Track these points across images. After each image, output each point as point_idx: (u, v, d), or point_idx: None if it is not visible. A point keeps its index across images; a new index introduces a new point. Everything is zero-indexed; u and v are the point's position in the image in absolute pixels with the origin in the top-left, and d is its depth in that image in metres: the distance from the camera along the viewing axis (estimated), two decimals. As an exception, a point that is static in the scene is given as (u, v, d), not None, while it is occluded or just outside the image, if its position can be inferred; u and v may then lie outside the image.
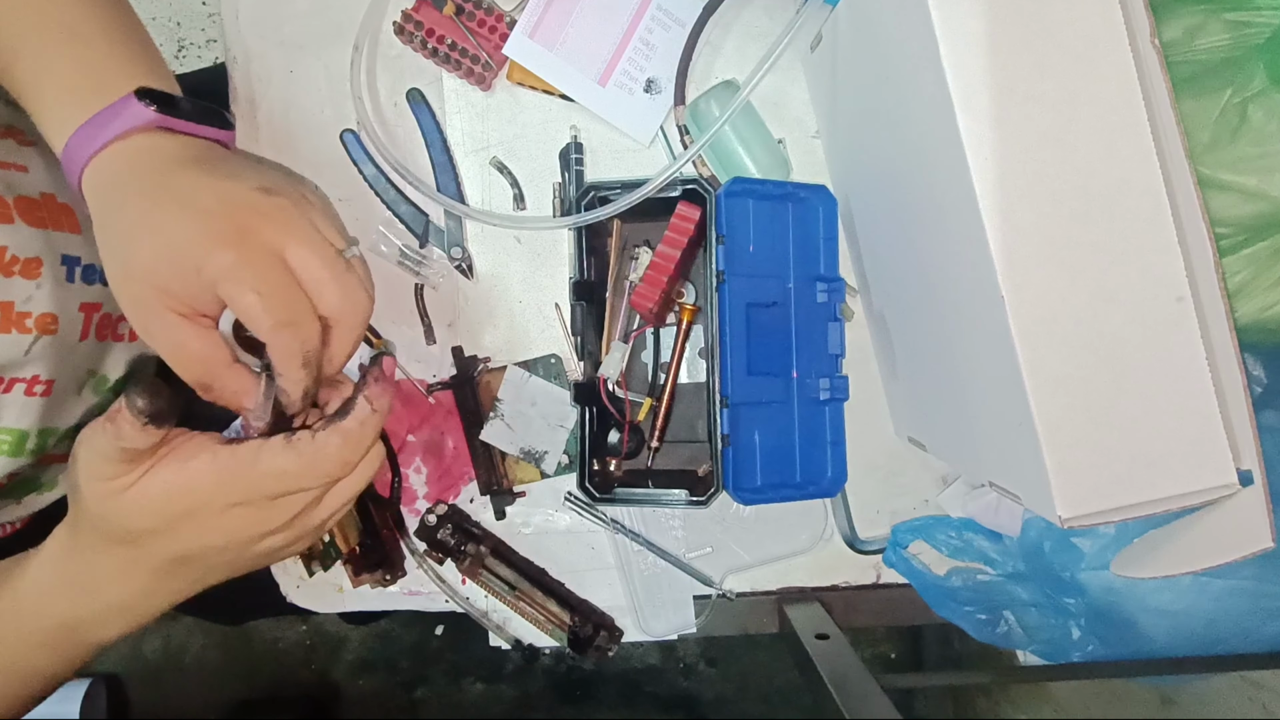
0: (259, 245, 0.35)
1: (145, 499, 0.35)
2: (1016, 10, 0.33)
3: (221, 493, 0.35)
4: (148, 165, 0.38)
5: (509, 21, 0.55)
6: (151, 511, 0.35)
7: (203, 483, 0.35)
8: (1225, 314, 0.36)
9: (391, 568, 0.58)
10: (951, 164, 0.34)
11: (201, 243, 0.34)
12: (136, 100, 0.38)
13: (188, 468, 0.35)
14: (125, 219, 0.36)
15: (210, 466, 0.35)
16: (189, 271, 0.34)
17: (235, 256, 0.34)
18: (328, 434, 0.36)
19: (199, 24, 1.46)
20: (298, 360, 0.36)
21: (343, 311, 0.37)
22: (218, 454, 0.35)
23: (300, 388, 0.36)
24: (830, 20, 0.48)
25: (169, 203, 0.35)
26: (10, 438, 0.47)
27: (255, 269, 0.34)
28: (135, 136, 0.38)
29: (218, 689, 1.48)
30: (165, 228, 0.35)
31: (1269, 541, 0.35)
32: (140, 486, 0.35)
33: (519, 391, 0.57)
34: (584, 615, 0.58)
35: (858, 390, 0.54)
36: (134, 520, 0.35)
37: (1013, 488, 0.38)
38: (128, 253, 0.35)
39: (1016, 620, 0.55)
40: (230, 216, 0.35)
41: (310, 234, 0.36)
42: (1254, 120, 0.40)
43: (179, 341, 0.36)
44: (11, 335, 0.45)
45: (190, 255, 0.34)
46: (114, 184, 0.38)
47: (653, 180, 0.50)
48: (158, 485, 0.35)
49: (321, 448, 0.36)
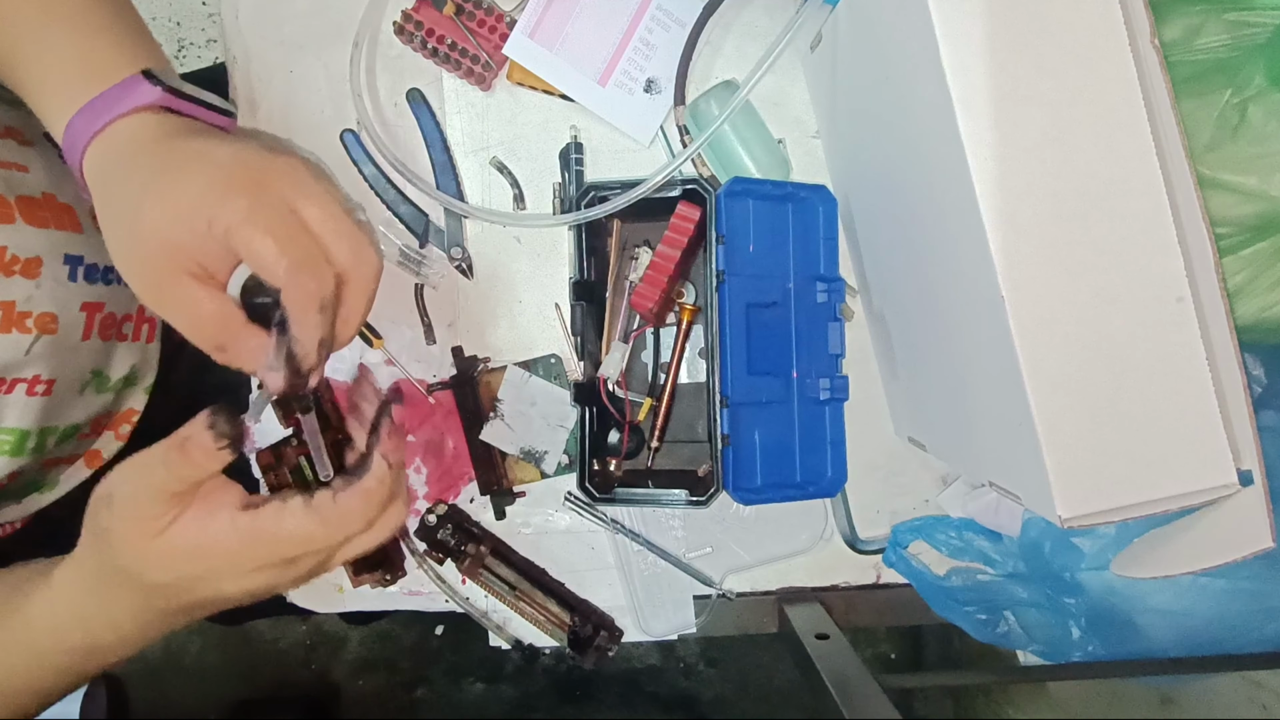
0: (271, 195, 0.35)
1: (167, 556, 0.35)
2: (1016, 11, 0.33)
3: (242, 559, 0.36)
4: (154, 136, 0.38)
5: (509, 21, 0.55)
6: (172, 570, 0.36)
7: (223, 548, 0.35)
8: (1225, 314, 0.36)
9: (391, 568, 0.58)
10: (951, 164, 0.34)
11: (214, 193, 0.34)
12: (144, 80, 0.38)
13: (209, 530, 0.35)
14: (134, 184, 0.36)
15: (231, 531, 0.35)
16: (201, 224, 0.34)
17: (249, 203, 0.34)
18: (349, 495, 0.36)
19: (199, 24, 1.46)
20: (314, 304, 0.35)
21: (355, 264, 0.37)
22: (237, 520, 0.35)
23: (316, 336, 0.36)
24: (830, 20, 0.48)
25: (180, 161, 0.36)
26: (11, 438, 0.47)
27: (269, 214, 0.34)
28: (140, 114, 0.38)
29: (218, 689, 1.48)
30: (177, 183, 0.35)
31: (1269, 541, 0.35)
32: (166, 539, 0.35)
33: (519, 391, 0.57)
34: (584, 615, 0.58)
35: (858, 390, 0.54)
36: (153, 574, 0.36)
37: (1013, 488, 0.38)
38: (138, 214, 0.35)
39: (1016, 620, 0.55)
40: (242, 170, 0.35)
41: (320, 191, 0.37)
42: (1254, 120, 0.40)
43: (192, 302, 0.35)
44: (12, 335, 0.45)
45: (203, 207, 0.34)
46: (119, 157, 0.38)
47: (652, 178, 0.50)
48: (180, 543, 0.35)
49: (344, 510, 0.36)
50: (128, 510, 0.35)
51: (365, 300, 0.38)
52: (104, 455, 0.57)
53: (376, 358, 0.59)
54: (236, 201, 0.34)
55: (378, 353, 0.59)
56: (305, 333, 0.35)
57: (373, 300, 0.39)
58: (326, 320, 0.36)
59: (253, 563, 0.36)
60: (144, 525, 0.35)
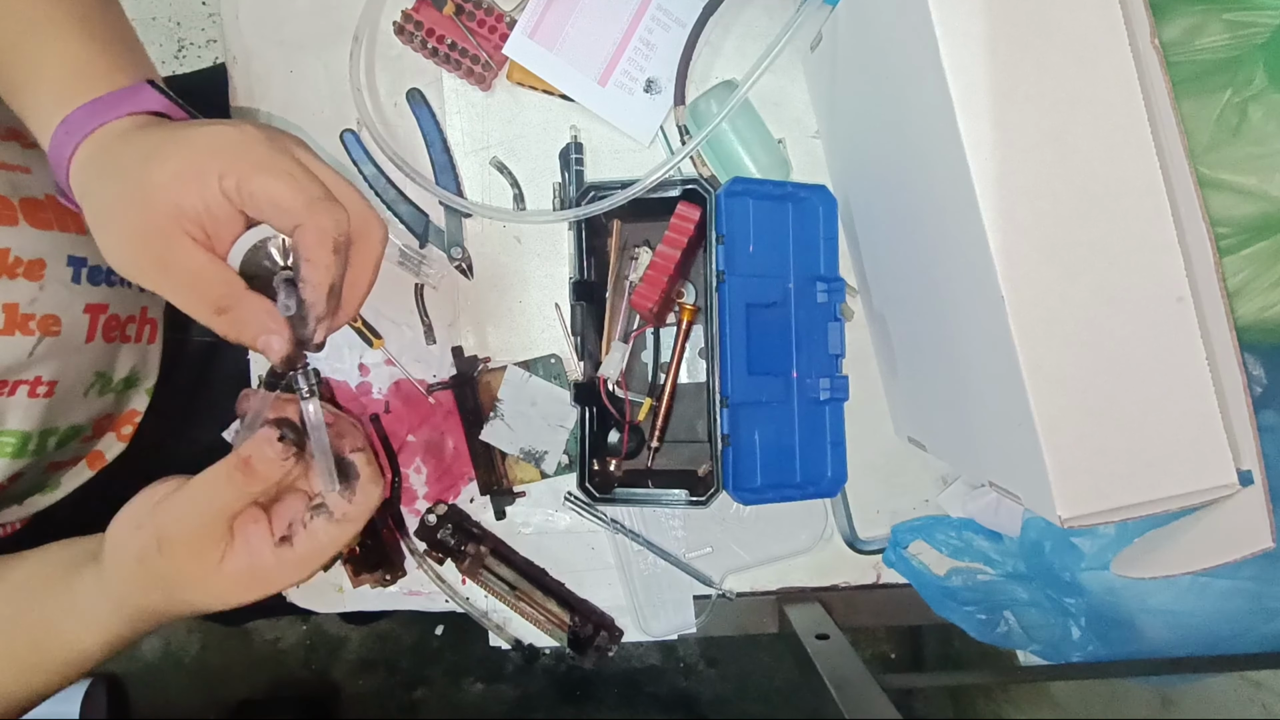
0: (281, 147, 0.36)
1: (229, 588, 0.38)
2: (1016, 10, 0.33)
3: (291, 582, 0.39)
4: (151, 124, 0.39)
5: (509, 21, 0.55)
6: (233, 600, 0.38)
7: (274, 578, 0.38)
8: (1225, 314, 0.35)
9: (391, 568, 0.58)
10: (951, 164, 0.34)
11: (226, 148, 0.35)
12: (148, 86, 0.39)
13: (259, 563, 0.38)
14: (137, 155, 0.36)
15: (278, 564, 0.38)
16: (211, 179, 0.34)
17: (263, 152, 0.35)
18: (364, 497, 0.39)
19: (199, 24, 1.46)
20: (330, 241, 0.35)
21: (364, 220, 0.38)
22: (281, 554, 0.38)
23: (328, 279, 0.35)
24: (830, 20, 0.48)
25: (186, 131, 0.36)
26: (14, 440, 0.47)
27: (282, 160, 0.35)
28: (135, 116, 0.39)
29: (218, 689, 1.48)
30: (186, 144, 0.35)
31: (1269, 541, 0.35)
32: (225, 572, 0.37)
33: (519, 391, 0.57)
34: (584, 615, 0.58)
35: (858, 390, 0.54)
36: (215, 605, 0.38)
37: (1013, 488, 0.38)
38: (143, 179, 0.35)
39: (1016, 620, 0.55)
40: (250, 129, 0.36)
41: (321, 162, 0.38)
42: (1254, 120, 0.40)
43: (197, 265, 0.36)
44: (15, 337, 0.45)
45: (214, 161, 0.34)
46: (116, 145, 0.38)
47: (652, 174, 0.50)
48: (238, 576, 0.38)
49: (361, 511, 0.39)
50: (187, 551, 0.37)
51: (374, 261, 0.39)
52: (106, 456, 0.57)
53: (376, 358, 0.59)
54: (250, 152, 0.35)
55: (378, 353, 0.59)
56: (318, 274, 0.35)
57: (379, 266, 0.39)
58: (340, 264, 0.36)
59: (301, 578, 0.39)
60: (205, 559, 0.37)
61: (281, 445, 0.36)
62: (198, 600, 0.38)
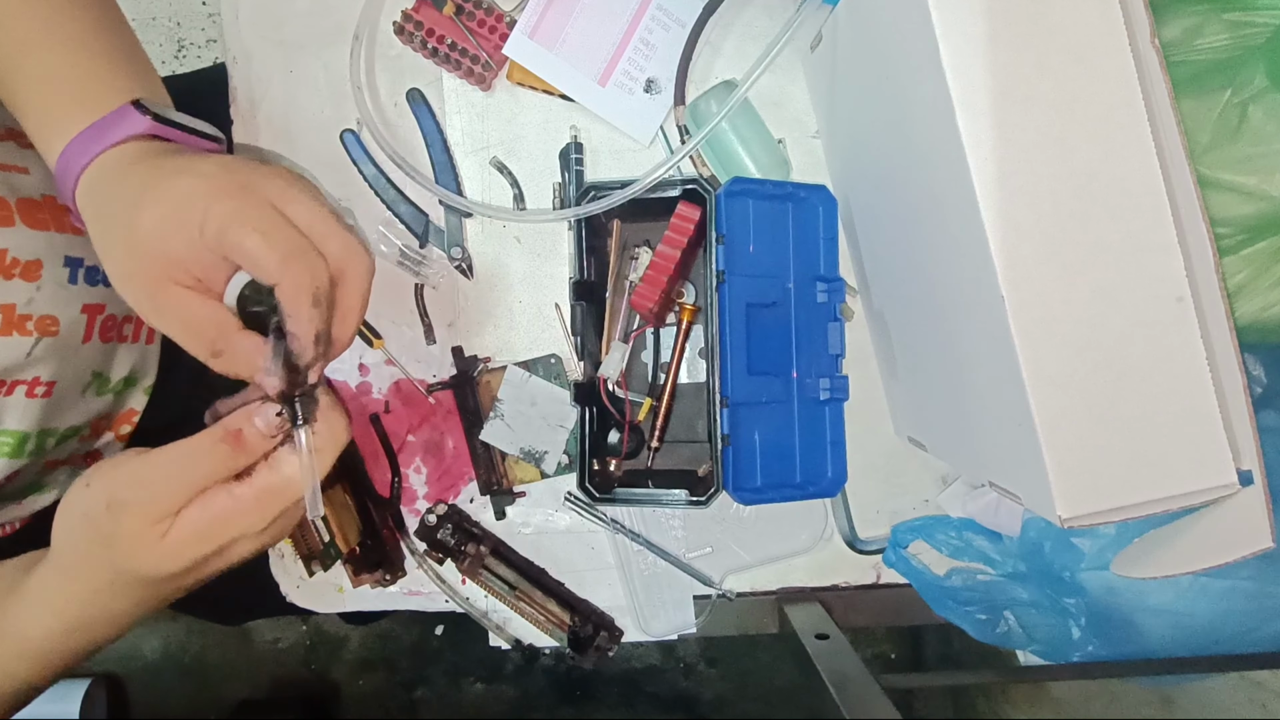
0: (258, 197, 0.36)
1: (178, 546, 0.35)
2: (1016, 10, 0.33)
3: (253, 522, 0.36)
4: (141, 157, 0.39)
5: (509, 21, 0.55)
6: (185, 556, 0.36)
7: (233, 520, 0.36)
8: (1225, 314, 0.35)
9: (391, 568, 0.58)
10: (951, 164, 0.34)
11: (201, 199, 0.35)
12: (134, 110, 0.39)
13: (212, 509, 0.36)
14: (124, 201, 0.37)
15: (234, 502, 0.36)
16: (193, 230, 0.34)
17: (237, 204, 0.35)
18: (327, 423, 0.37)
19: (199, 24, 1.46)
20: (308, 296, 0.35)
21: (347, 259, 0.37)
22: (235, 490, 0.36)
23: (312, 330, 0.36)
24: (830, 20, 0.48)
25: (168, 174, 0.37)
26: (11, 440, 0.47)
27: (257, 213, 0.35)
28: (130, 144, 0.39)
29: (218, 689, 1.48)
30: (167, 193, 0.35)
31: (1269, 541, 0.35)
32: (174, 533, 0.35)
33: (519, 391, 0.57)
34: (584, 615, 0.58)
35: (858, 390, 0.54)
36: (167, 567, 0.36)
37: (1013, 488, 0.38)
38: (131, 226, 0.35)
39: (1016, 620, 0.55)
40: (228, 176, 0.36)
41: (309, 194, 0.37)
42: (1254, 120, 0.40)
43: (189, 310, 0.36)
44: (12, 338, 0.45)
45: (192, 213, 0.34)
46: (109, 182, 0.38)
47: (651, 174, 0.50)
48: (189, 531, 0.35)
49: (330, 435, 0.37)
50: (140, 514, 0.35)
51: (361, 296, 0.39)
52: (104, 456, 0.57)
53: (376, 358, 0.59)
54: (224, 204, 0.35)
55: (378, 353, 0.59)
56: (301, 327, 0.35)
57: (368, 298, 0.39)
58: (321, 314, 0.36)
59: (263, 522, 0.36)
60: (156, 526, 0.35)
61: (277, 420, 0.35)
62: (145, 565, 0.36)
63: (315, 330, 0.36)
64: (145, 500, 0.35)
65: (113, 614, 0.39)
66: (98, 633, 0.39)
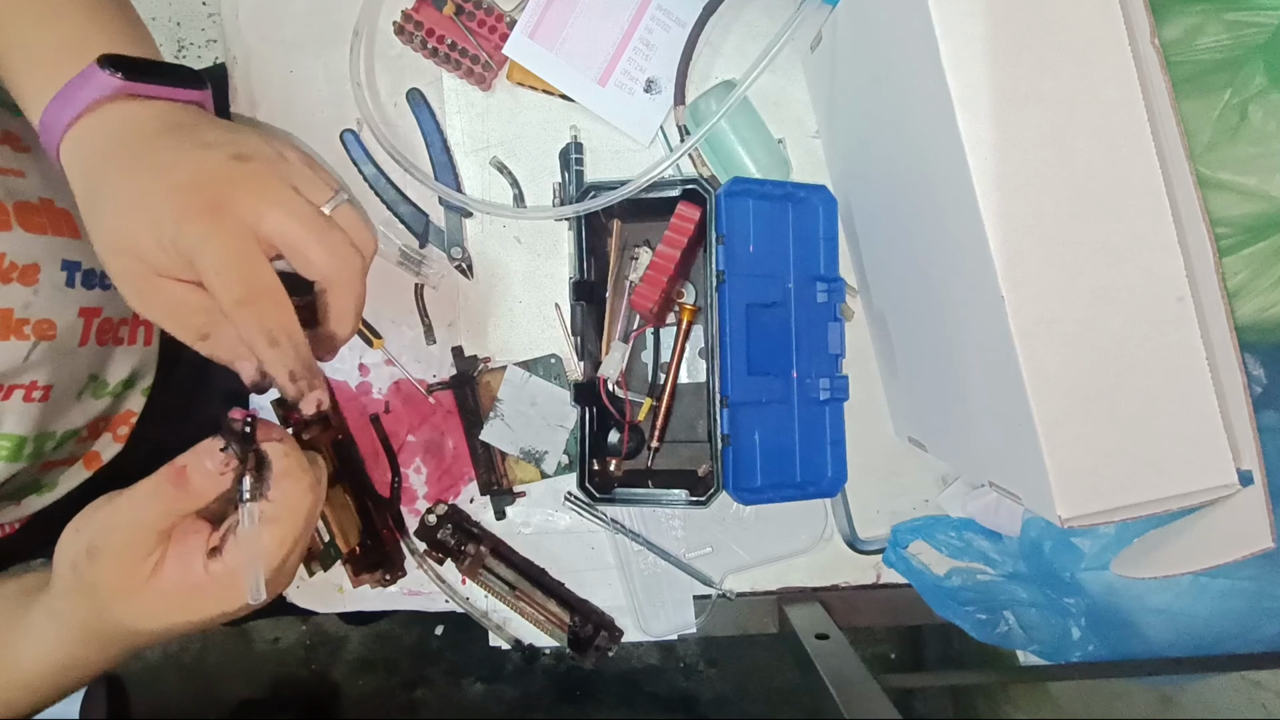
0: (230, 219, 0.34)
1: (157, 606, 0.35)
2: (1016, 10, 0.33)
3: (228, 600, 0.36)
4: (122, 138, 0.37)
5: (509, 21, 0.55)
6: (163, 619, 0.36)
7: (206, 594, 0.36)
8: (1225, 314, 0.36)
9: (391, 568, 0.58)
10: (951, 164, 0.34)
11: (174, 218, 0.34)
12: (100, 70, 0.36)
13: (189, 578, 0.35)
14: (106, 193, 0.36)
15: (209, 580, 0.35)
16: (165, 245, 0.34)
17: (202, 231, 0.33)
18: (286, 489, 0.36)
19: (199, 24, 1.46)
20: (262, 339, 0.35)
21: (331, 269, 0.36)
22: (211, 568, 0.35)
23: (278, 370, 0.35)
24: (830, 20, 0.48)
25: (146, 177, 0.35)
26: (9, 443, 0.47)
27: (218, 246, 0.34)
28: (107, 106, 0.37)
29: (218, 689, 1.48)
30: (143, 204, 0.34)
31: (1269, 541, 0.35)
32: (152, 588, 0.35)
33: (519, 391, 0.57)
34: (584, 615, 0.58)
35: (858, 390, 0.54)
36: (145, 624, 0.36)
37: (1013, 488, 0.38)
38: (112, 228, 0.35)
39: (1016, 620, 0.55)
40: (202, 190, 0.34)
41: (286, 198, 0.35)
42: (1254, 120, 0.40)
43: (175, 299, 0.35)
44: (10, 342, 0.45)
45: (165, 231, 0.34)
46: (91, 158, 0.37)
47: (652, 170, 0.50)
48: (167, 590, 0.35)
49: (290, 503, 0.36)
50: (114, 562, 0.35)
51: (352, 299, 0.38)
52: (103, 457, 0.57)
53: (376, 358, 0.59)
54: (192, 228, 0.33)
55: (378, 353, 0.59)
56: (269, 368, 0.35)
57: (362, 297, 0.38)
58: (285, 353, 0.35)
59: (234, 600, 0.36)
60: (133, 573, 0.35)
61: (222, 456, 0.34)
62: (126, 616, 0.36)
63: (284, 369, 0.35)
64: (116, 548, 0.35)
65: (106, 656, 0.39)
66: (91, 668, 0.40)
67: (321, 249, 0.36)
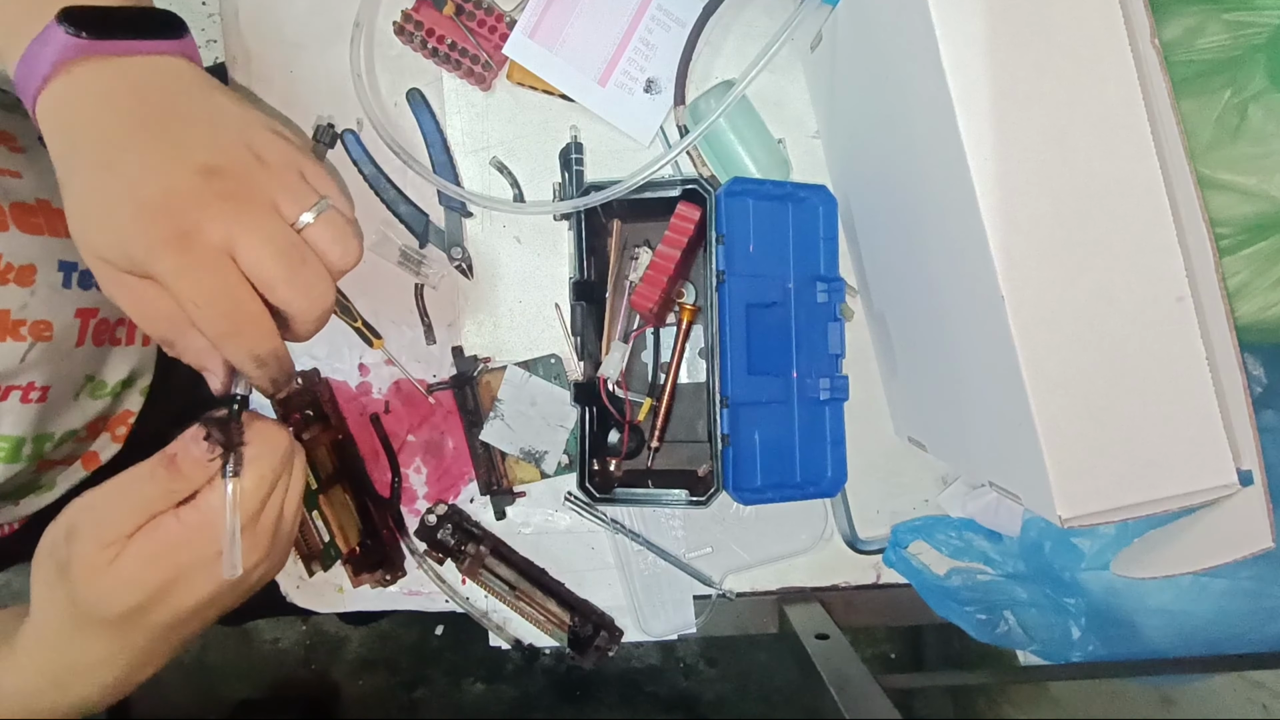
0: (202, 249, 0.32)
1: (126, 574, 0.34)
2: (1016, 10, 0.33)
3: (202, 547, 0.34)
4: (93, 117, 0.34)
5: (509, 21, 0.55)
6: (136, 587, 0.34)
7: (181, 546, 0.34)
8: (1225, 314, 0.35)
9: (391, 568, 0.58)
10: (951, 164, 0.34)
11: (144, 246, 0.32)
12: (59, 27, 0.33)
13: (159, 536, 0.34)
14: (73, 188, 0.34)
15: (181, 527, 0.34)
16: (136, 262, 0.32)
17: (175, 266, 0.31)
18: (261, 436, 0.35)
19: (199, 24, 1.46)
20: (250, 364, 0.34)
21: (297, 308, 0.34)
22: (183, 514, 0.34)
23: (261, 381, 0.35)
24: (830, 20, 0.48)
25: (112, 186, 0.33)
26: (8, 444, 0.47)
27: (193, 283, 0.32)
28: (74, 69, 0.34)
29: (218, 689, 1.48)
30: (110, 219, 0.32)
31: (1269, 541, 0.35)
32: (121, 560, 0.34)
33: (519, 391, 0.57)
34: (584, 615, 0.58)
35: (858, 390, 0.54)
36: (118, 599, 0.34)
37: (1013, 488, 0.38)
38: (77, 229, 0.33)
39: (1016, 620, 0.55)
40: (171, 215, 0.32)
41: (259, 223, 0.33)
42: (1254, 120, 0.40)
43: (141, 299, 0.34)
44: (7, 343, 0.45)
45: (134, 254, 0.32)
46: (61, 130, 0.34)
47: (653, 165, 0.50)
48: (136, 558, 0.34)
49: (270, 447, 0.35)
50: (91, 536, 0.34)
51: (314, 325, 0.36)
52: (101, 457, 0.57)
53: (376, 358, 0.59)
54: (164, 261, 0.31)
55: (378, 353, 0.59)
56: (255, 382, 0.35)
57: (328, 317, 0.36)
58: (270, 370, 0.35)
59: (210, 546, 0.34)
60: (104, 553, 0.33)
61: (206, 445, 0.34)
62: (93, 590, 0.34)
63: (268, 383, 0.35)
64: (93, 524, 0.34)
65: (89, 667, 0.36)
66: (73, 690, 0.37)
67: (289, 288, 0.33)
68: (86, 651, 0.36)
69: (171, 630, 0.36)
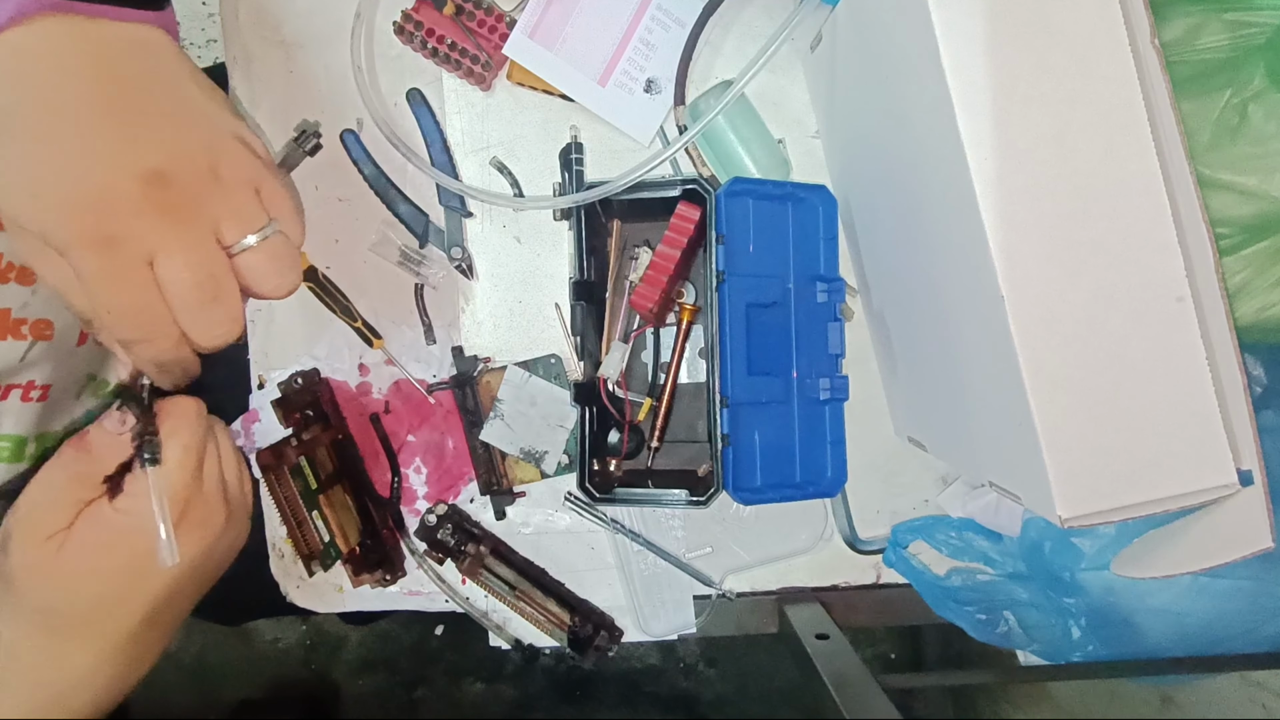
0: (125, 258, 0.30)
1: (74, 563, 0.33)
2: (1016, 10, 0.33)
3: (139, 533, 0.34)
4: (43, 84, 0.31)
5: (509, 21, 0.55)
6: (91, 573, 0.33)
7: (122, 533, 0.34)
8: (1225, 314, 0.35)
9: (391, 568, 0.58)
10: (951, 164, 0.34)
11: (64, 235, 0.30)
12: None
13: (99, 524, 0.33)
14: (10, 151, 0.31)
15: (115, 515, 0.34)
16: (53, 245, 0.31)
17: (93, 267, 0.30)
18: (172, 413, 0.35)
19: (199, 24, 1.46)
20: (152, 367, 0.34)
21: (193, 337, 0.33)
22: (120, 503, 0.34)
23: (163, 382, 0.35)
24: (830, 20, 0.48)
25: (50, 164, 0.30)
26: (10, 444, 0.47)
27: (109, 284, 0.30)
28: (38, 21, 0.31)
29: (218, 689, 1.48)
30: (40, 197, 0.30)
31: (1269, 541, 0.35)
32: (66, 551, 0.33)
33: (519, 391, 0.57)
34: (584, 615, 0.58)
35: (858, 390, 0.54)
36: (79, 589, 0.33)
37: (1013, 488, 0.38)
38: (3, 189, 0.31)
39: (1016, 620, 0.55)
40: (102, 217, 0.30)
41: (188, 244, 0.31)
42: (1254, 120, 0.40)
43: (55, 271, 0.32)
44: (8, 342, 0.45)
45: (55, 239, 0.30)
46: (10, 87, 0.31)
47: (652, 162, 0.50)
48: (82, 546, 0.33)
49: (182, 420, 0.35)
50: (27, 539, 0.33)
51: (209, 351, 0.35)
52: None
53: (376, 358, 0.59)
54: (85, 259, 0.30)
55: (378, 353, 0.59)
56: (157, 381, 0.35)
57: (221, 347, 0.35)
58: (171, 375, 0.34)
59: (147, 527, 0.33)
60: (44, 547, 0.33)
61: (118, 415, 0.33)
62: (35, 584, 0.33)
63: (170, 384, 0.35)
64: (24, 524, 0.33)
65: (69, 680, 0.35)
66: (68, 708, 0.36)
67: (192, 320, 0.32)
68: (67, 666, 0.35)
69: (150, 622, 0.36)
